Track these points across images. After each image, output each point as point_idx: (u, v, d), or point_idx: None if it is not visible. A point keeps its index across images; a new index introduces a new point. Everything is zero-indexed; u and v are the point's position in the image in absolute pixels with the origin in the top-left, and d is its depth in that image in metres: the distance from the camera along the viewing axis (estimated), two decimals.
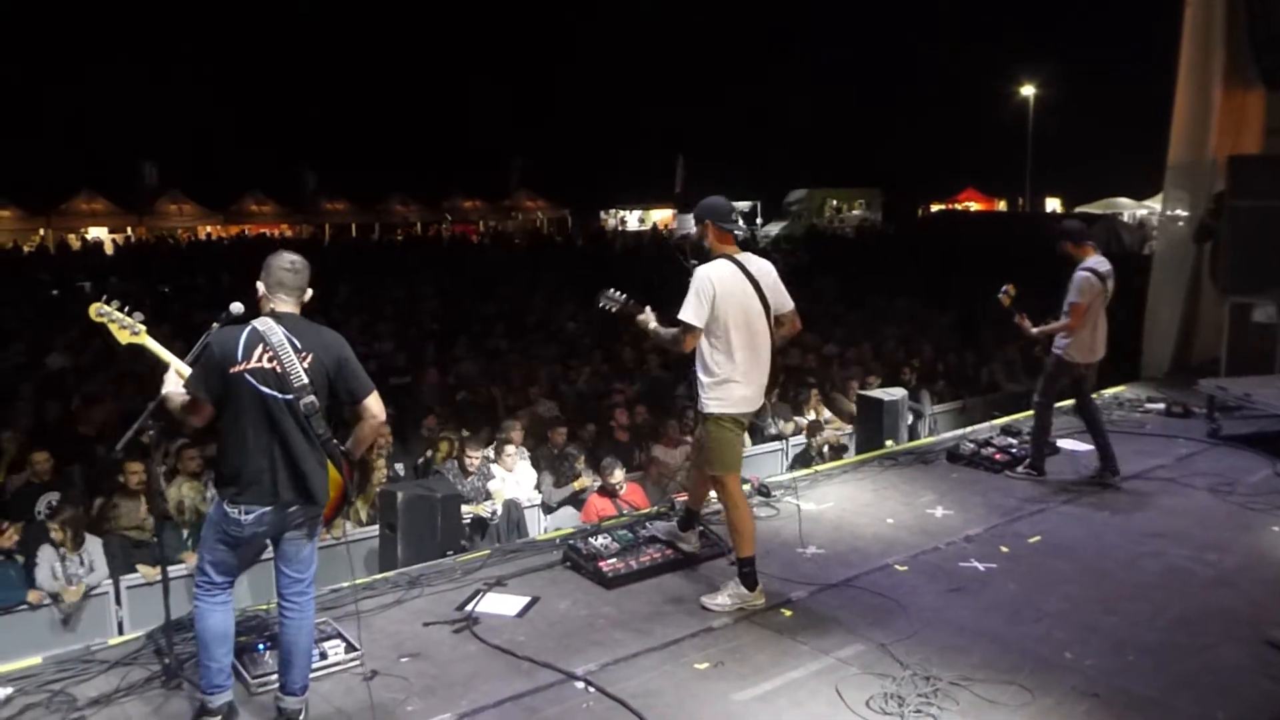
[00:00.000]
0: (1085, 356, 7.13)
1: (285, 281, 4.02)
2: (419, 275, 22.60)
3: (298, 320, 4.02)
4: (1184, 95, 10.66)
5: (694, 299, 4.95)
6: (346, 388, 4.03)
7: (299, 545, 4.07)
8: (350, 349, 4.10)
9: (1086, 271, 6.98)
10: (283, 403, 3.88)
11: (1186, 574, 5.61)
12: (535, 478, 8.75)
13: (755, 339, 5.08)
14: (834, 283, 20.28)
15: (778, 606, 5.20)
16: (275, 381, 3.86)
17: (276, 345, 3.87)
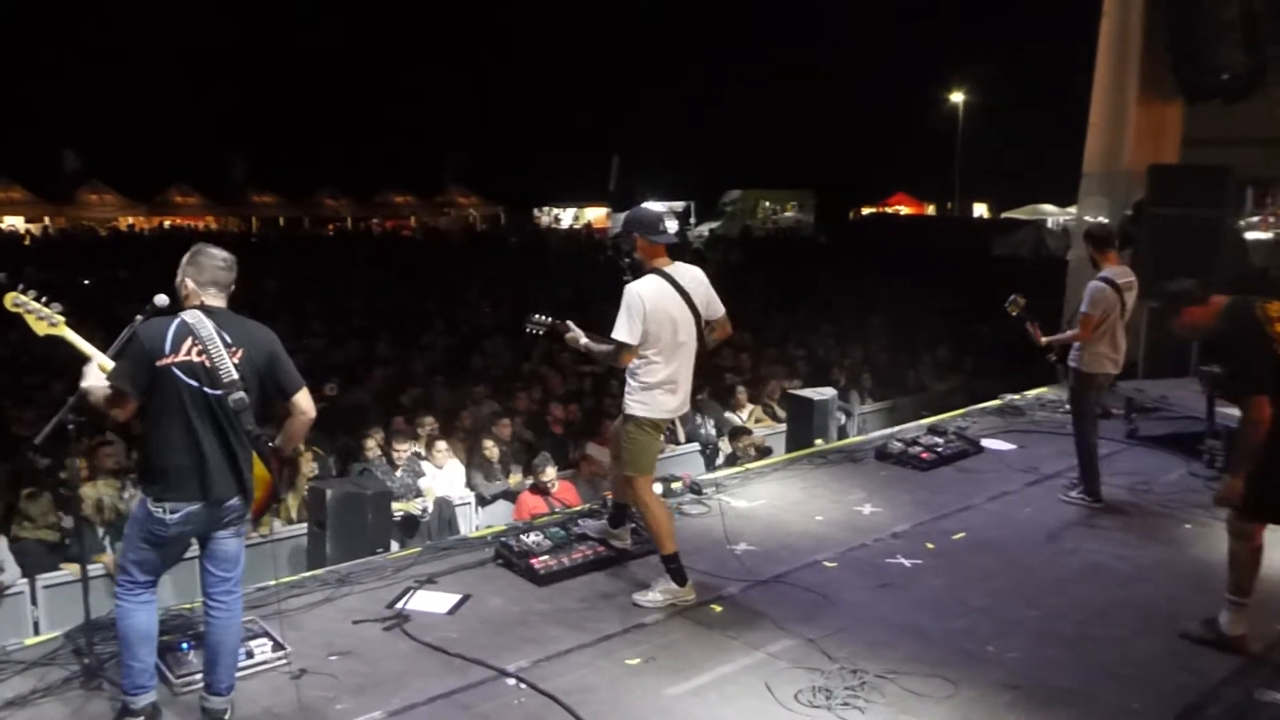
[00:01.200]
0: (1104, 368, 6.85)
1: (219, 279, 3.93)
2: (350, 271, 22.32)
3: (228, 315, 3.93)
4: (1099, 105, 10.93)
5: (625, 317, 4.95)
6: (277, 384, 3.97)
7: (226, 544, 3.97)
8: (281, 344, 4.02)
9: (1101, 282, 6.73)
10: (211, 398, 3.79)
11: (1105, 569, 5.77)
12: (465, 475, 8.69)
13: (684, 350, 5.13)
14: (767, 283, 20.47)
15: (709, 602, 5.23)
16: (204, 376, 3.77)
17: (206, 339, 3.77)
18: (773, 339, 14.43)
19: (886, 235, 36.39)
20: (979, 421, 9.24)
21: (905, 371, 13.49)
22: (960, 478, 7.60)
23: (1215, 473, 7.45)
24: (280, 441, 4.11)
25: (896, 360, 13.77)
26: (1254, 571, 4.65)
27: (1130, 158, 10.82)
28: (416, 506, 7.92)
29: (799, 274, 23.11)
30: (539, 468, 7.88)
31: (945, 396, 11.96)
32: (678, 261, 5.22)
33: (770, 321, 16.19)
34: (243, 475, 3.89)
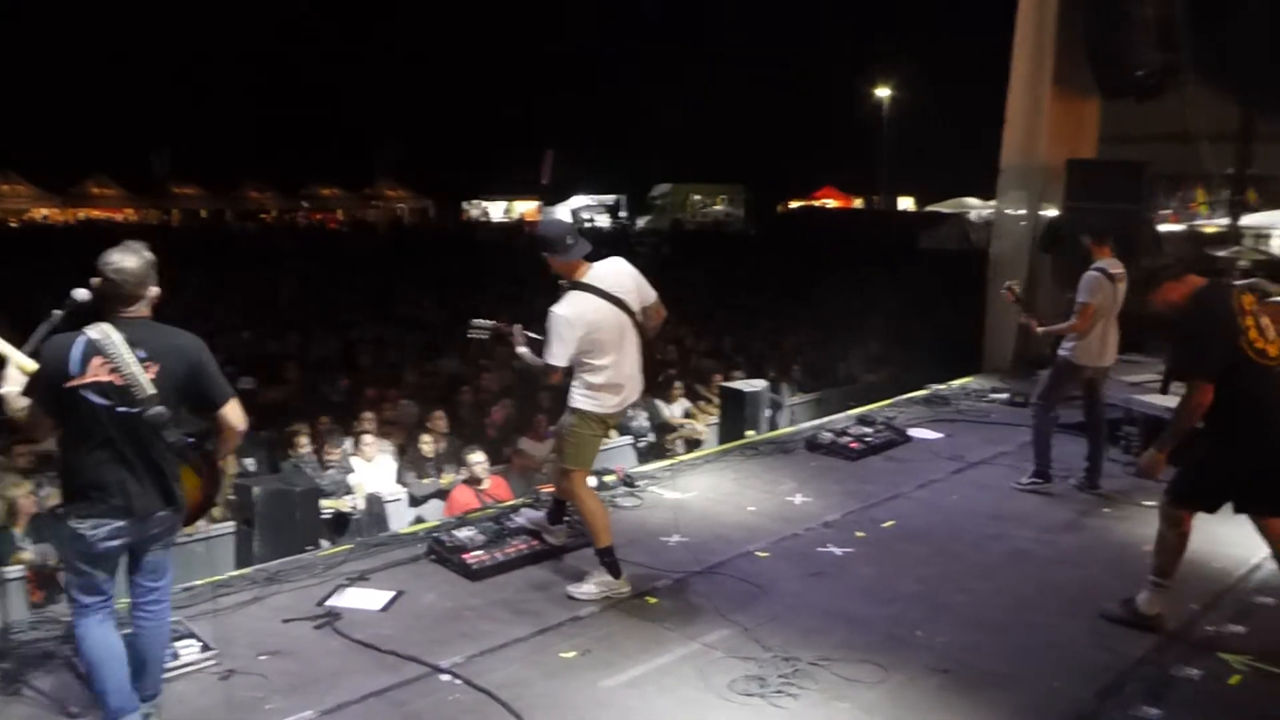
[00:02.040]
0: (1094, 360, 6.85)
1: (123, 292, 3.64)
2: (277, 264, 21.93)
3: (143, 324, 3.68)
4: (1016, 101, 11.17)
5: (555, 342, 4.92)
6: (201, 396, 3.78)
7: (154, 556, 3.84)
8: (207, 353, 3.80)
9: (1097, 272, 6.72)
10: (127, 417, 3.59)
11: (1029, 555, 5.92)
12: (395, 470, 8.61)
13: (625, 348, 5.13)
14: (698, 276, 20.58)
15: (644, 594, 5.25)
16: (117, 395, 3.56)
17: (114, 356, 3.54)
18: (705, 332, 14.52)
19: (815, 228, 36.83)
20: (906, 411, 9.40)
21: (835, 363, 13.68)
22: (889, 467, 7.73)
23: (1132, 458, 7.68)
24: (212, 451, 3.97)
25: (826, 352, 13.95)
26: (1178, 556, 4.79)
27: (1046, 152, 11.07)
28: (347, 503, 7.82)
29: (729, 267, 23.27)
30: (467, 454, 7.85)
31: (874, 387, 12.15)
32: (598, 262, 5.17)
33: (702, 315, 16.28)
34: (169, 488, 3.74)
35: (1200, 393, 4.54)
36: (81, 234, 32.75)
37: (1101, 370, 7.01)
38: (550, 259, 5.08)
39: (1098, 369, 6.96)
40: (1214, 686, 4.33)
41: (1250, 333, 4.53)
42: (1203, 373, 4.58)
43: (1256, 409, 4.51)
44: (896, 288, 17.44)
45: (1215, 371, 4.52)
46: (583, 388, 5.13)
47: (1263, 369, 4.52)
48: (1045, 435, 7.06)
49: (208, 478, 3.94)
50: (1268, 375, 4.53)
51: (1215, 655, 4.58)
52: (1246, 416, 4.51)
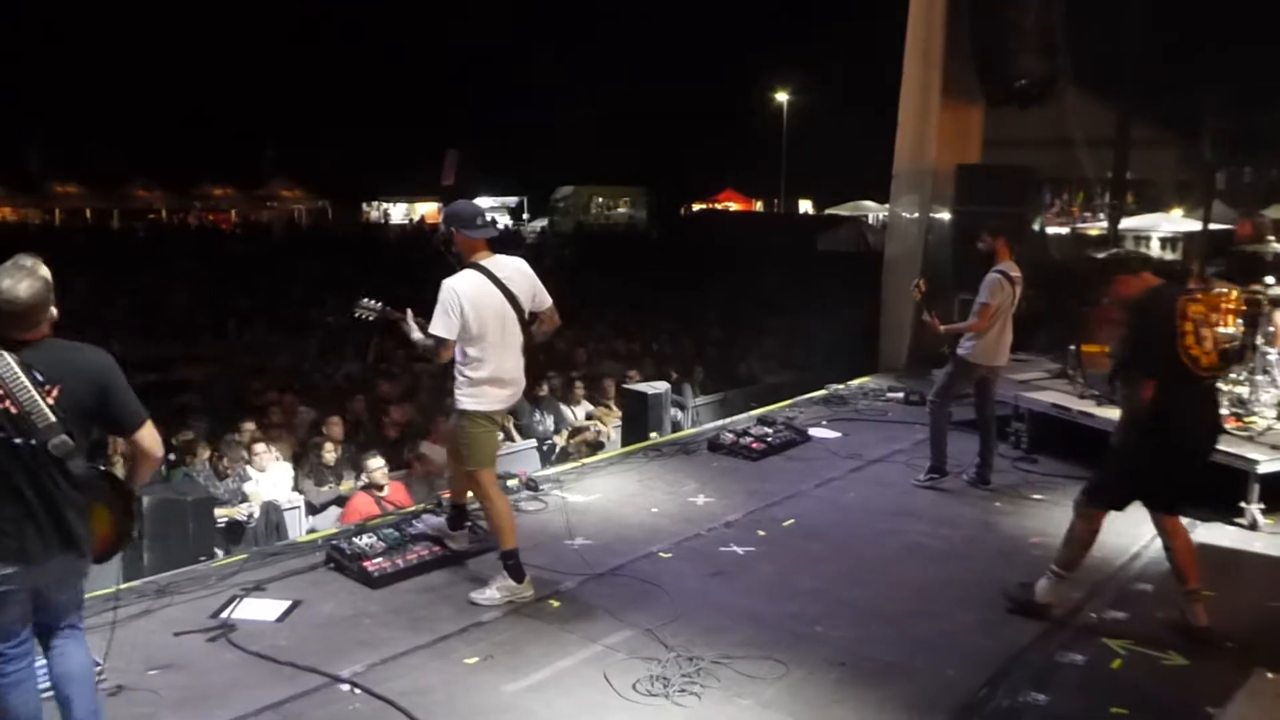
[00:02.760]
0: (989, 359, 7.05)
1: (15, 322, 3.27)
2: (167, 266, 21.25)
3: (44, 346, 3.33)
4: (907, 107, 11.48)
5: (441, 313, 4.94)
6: (111, 419, 3.44)
7: (66, 597, 3.54)
8: (116, 370, 3.43)
9: (999, 274, 6.91)
10: (24, 449, 3.23)
11: (923, 549, 6.08)
12: (291, 478, 8.43)
13: (507, 340, 5.13)
14: (601, 278, 20.61)
15: (546, 597, 5.24)
16: (11, 424, 3.20)
17: (8, 380, 3.19)
18: (607, 334, 14.55)
19: (716, 230, 37.19)
20: (806, 411, 9.57)
21: (736, 364, 13.84)
22: (789, 466, 7.85)
23: (1021, 453, 7.96)
24: (127, 479, 3.63)
25: (728, 353, 14.11)
26: (1085, 552, 4.95)
27: (936, 157, 11.39)
28: (242, 512, 7.63)
29: (632, 269, 23.35)
30: (365, 459, 7.74)
31: (775, 388, 12.33)
32: (499, 254, 5.22)
33: (604, 317, 16.31)
34: (71, 530, 3.36)
35: (1144, 388, 4.66)
36: None
37: (995, 369, 7.23)
38: (456, 233, 5.12)
39: (992, 368, 7.18)
40: (1097, 671, 4.51)
41: (1187, 339, 4.65)
42: (1141, 368, 4.73)
43: (1179, 414, 4.66)
44: (796, 289, 17.74)
45: (1154, 370, 4.65)
46: (465, 386, 5.12)
47: (1193, 377, 4.66)
48: (942, 432, 7.26)
49: (120, 511, 3.53)
50: (1193, 384, 4.68)
51: (1098, 641, 4.77)
52: (1163, 419, 4.65)
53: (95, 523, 3.47)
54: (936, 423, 7.28)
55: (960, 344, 7.12)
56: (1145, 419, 4.70)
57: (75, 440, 3.29)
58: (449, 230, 5.16)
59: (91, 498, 3.41)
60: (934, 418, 7.31)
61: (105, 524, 3.52)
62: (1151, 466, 4.78)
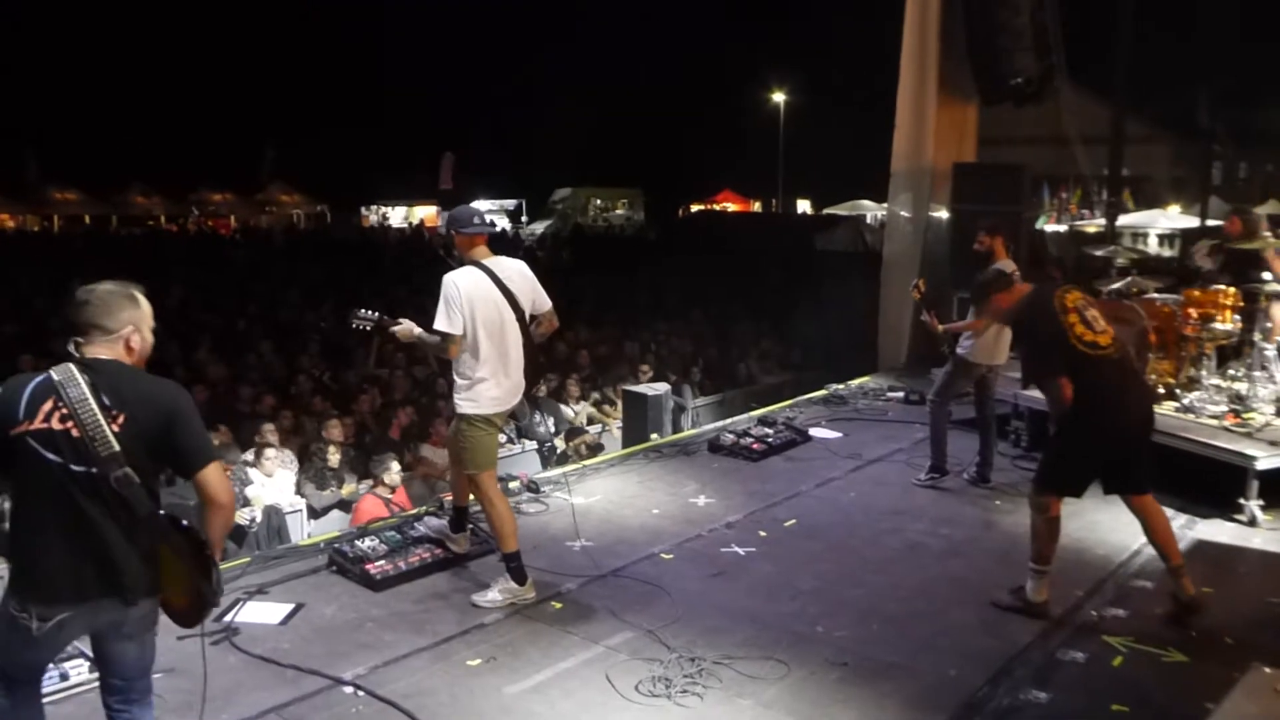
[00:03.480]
0: (988, 358, 7.09)
1: (81, 317, 3.11)
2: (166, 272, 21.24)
3: (114, 369, 3.09)
4: (904, 107, 11.51)
5: (444, 307, 4.97)
6: (175, 455, 3.12)
7: (123, 648, 3.21)
8: (188, 403, 3.16)
9: (999, 271, 6.89)
10: (82, 476, 2.97)
11: (923, 548, 6.10)
12: (294, 482, 8.45)
13: (505, 341, 5.13)
14: (599, 280, 20.61)
15: (548, 599, 5.26)
16: (70, 449, 2.96)
17: (75, 401, 2.95)
18: (606, 336, 14.56)
19: (714, 231, 37.20)
20: (806, 411, 9.58)
21: (735, 364, 13.85)
22: (789, 467, 7.86)
23: (1021, 451, 7.98)
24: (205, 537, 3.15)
25: (727, 354, 14.12)
26: (1052, 541, 5.01)
27: (933, 156, 11.42)
28: (244, 516, 7.64)
29: (630, 270, 23.36)
30: (380, 467, 7.76)
31: (774, 388, 12.35)
32: (500, 255, 5.26)
33: (603, 318, 16.32)
34: (129, 571, 3.06)
35: (1059, 388, 4.81)
36: None
37: (995, 368, 7.26)
38: (455, 234, 5.19)
39: (991, 366, 7.22)
40: (1098, 668, 4.53)
41: (1076, 328, 4.84)
42: (1047, 370, 4.89)
43: (1097, 395, 4.79)
44: (795, 289, 17.75)
45: (1059, 367, 4.81)
46: (463, 389, 5.13)
47: (1095, 359, 4.82)
48: (942, 431, 7.29)
49: (195, 566, 3.06)
50: (1102, 363, 4.83)
51: (1099, 638, 4.80)
52: (1089, 404, 4.78)
53: (169, 577, 3.12)
54: (936, 422, 7.30)
55: (959, 343, 7.15)
56: (1074, 409, 4.81)
57: (140, 477, 3.02)
58: (449, 233, 5.25)
59: (154, 541, 3.06)
60: (934, 417, 7.33)
61: (180, 579, 3.12)
62: (1090, 449, 4.91)
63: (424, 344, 5.27)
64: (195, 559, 3.05)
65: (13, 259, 25.20)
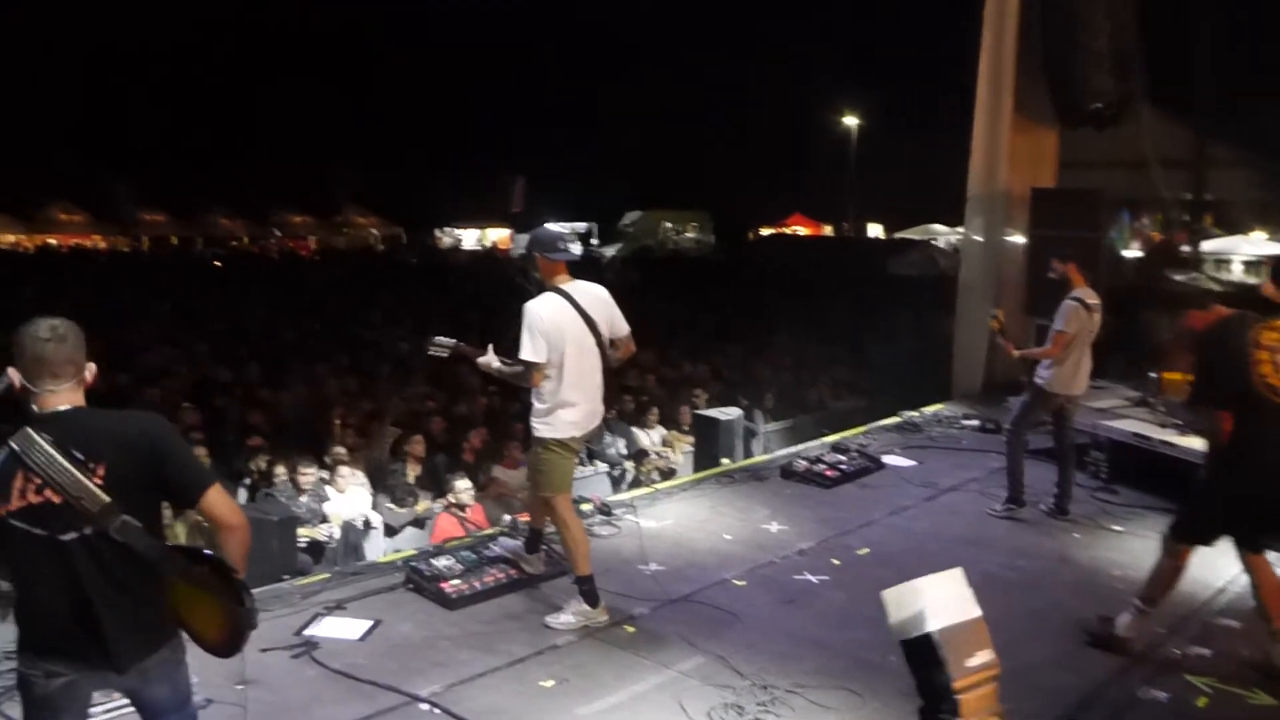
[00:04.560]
0: (1067, 388, 6.96)
1: (46, 357, 2.80)
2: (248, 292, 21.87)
3: (78, 417, 2.85)
4: (980, 131, 11.42)
5: (527, 336, 5.01)
6: (172, 488, 2.93)
7: (152, 694, 3.03)
8: (169, 433, 2.97)
9: (1075, 301, 6.83)
10: (73, 544, 2.77)
11: (998, 580, 5.99)
12: (370, 499, 8.60)
13: (584, 366, 5.17)
14: (669, 303, 20.67)
15: (620, 623, 5.29)
16: (56, 519, 2.74)
17: (45, 466, 2.70)
18: (677, 360, 14.59)
19: (785, 255, 37.10)
20: (879, 439, 9.50)
21: (807, 390, 13.78)
22: (862, 494, 7.81)
23: (1100, 483, 7.82)
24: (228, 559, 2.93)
25: (798, 379, 14.05)
26: (1170, 588, 4.88)
27: (1010, 180, 11.30)
28: (322, 532, 7.80)
29: (700, 293, 23.40)
30: (450, 483, 7.88)
31: (846, 414, 12.25)
32: (579, 280, 5.29)
33: (673, 342, 16.35)
34: (145, 623, 2.91)
35: (1219, 419, 4.63)
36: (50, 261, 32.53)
37: (1074, 398, 7.13)
38: (538, 257, 5.20)
39: (1070, 396, 7.09)
40: (1181, 709, 4.43)
41: (1263, 367, 4.53)
42: (1213, 401, 4.70)
43: (1257, 446, 4.57)
44: (867, 313, 17.63)
45: (1229, 402, 4.60)
46: (541, 413, 5.18)
47: (1271, 406, 4.52)
48: (1018, 461, 7.18)
49: (224, 592, 2.82)
50: (1275, 412, 4.54)
51: (1182, 677, 4.69)
52: (1246, 450, 4.58)
53: (195, 614, 2.90)
54: (1013, 451, 7.20)
55: (1037, 372, 7.04)
56: (1227, 452, 4.62)
57: (139, 519, 2.82)
58: (531, 254, 5.25)
59: (167, 573, 2.84)
60: (1010, 446, 7.23)
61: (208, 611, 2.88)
62: (1236, 501, 4.68)
63: (504, 375, 5.31)
64: (223, 585, 2.82)
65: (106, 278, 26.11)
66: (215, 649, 2.93)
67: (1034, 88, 11.04)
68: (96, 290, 20.76)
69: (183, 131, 45.56)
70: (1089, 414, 8.08)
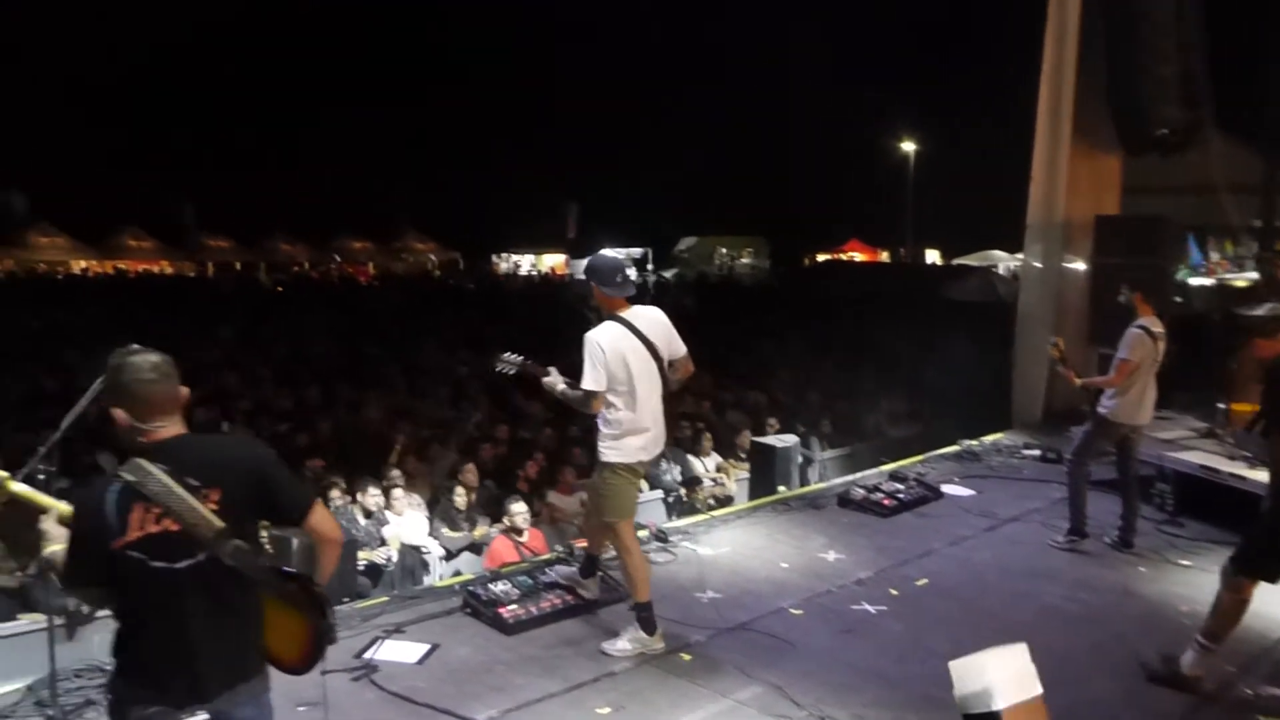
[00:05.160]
0: (1131, 418, 6.86)
1: (154, 398, 2.86)
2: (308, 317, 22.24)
3: (185, 445, 2.91)
4: (1039, 157, 11.30)
5: (589, 365, 5.05)
6: (277, 512, 3.03)
7: (241, 714, 3.04)
8: (272, 458, 3.05)
9: (1140, 330, 6.75)
10: (193, 570, 2.82)
11: (1061, 613, 5.90)
12: (427, 524, 8.68)
13: (648, 391, 5.20)
14: (724, 329, 20.64)
15: (677, 650, 5.28)
16: (173, 547, 2.80)
17: (162, 496, 2.76)
18: (732, 386, 14.55)
19: (841, 280, 36.86)
20: (937, 467, 9.40)
21: (864, 417, 13.67)
22: (920, 523, 7.72)
23: (1166, 516, 7.65)
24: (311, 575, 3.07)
25: (855, 406, 13.94)
26: (1233, 623, 4.76)
27: (1071, 207, 11.16)
28: (381, 555, 7.89)
29: (756, 319, 23.34)
30: (506, 507, 7.93)
31: (903, 442, 12.13)
32: (636, 305, 5.31)
33: (729, 368, 16.32)
34: (243, 652, 3.00)
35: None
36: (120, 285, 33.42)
37: (1138, 428, 7.02)
38: (596, 289, 5.23)
39: (1134, 427, 6.97)
40: None
41: None
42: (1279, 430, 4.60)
43: None
44: (924, 340, 17.44)
45: None
46: (608, 438, 5.20)
47: None
48: (1080, 492, 7.06)
49: (309, 607, 2.96)
50: None
51: (1254, 718, 4.55)
52: None
53: (285, 628, 3.03)
54: (1075, 482, 7.08)
55: (1100, 402, 6.94)
56: None
57: (247, 541, 2.90)
58: (588, 284, 5.28)
59: (269, 593, 2.96)
60: (1072, 477, 7.12)
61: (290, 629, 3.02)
62: None
63: (567, 398, 5.32)
64: (310, 601, 2.95)
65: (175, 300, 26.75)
66: (292, 666, 3.06)
67: (1096, 114, 10.91)
68: (162, 314, 21.26)
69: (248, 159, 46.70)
70: (1154, 445, 7.92)
